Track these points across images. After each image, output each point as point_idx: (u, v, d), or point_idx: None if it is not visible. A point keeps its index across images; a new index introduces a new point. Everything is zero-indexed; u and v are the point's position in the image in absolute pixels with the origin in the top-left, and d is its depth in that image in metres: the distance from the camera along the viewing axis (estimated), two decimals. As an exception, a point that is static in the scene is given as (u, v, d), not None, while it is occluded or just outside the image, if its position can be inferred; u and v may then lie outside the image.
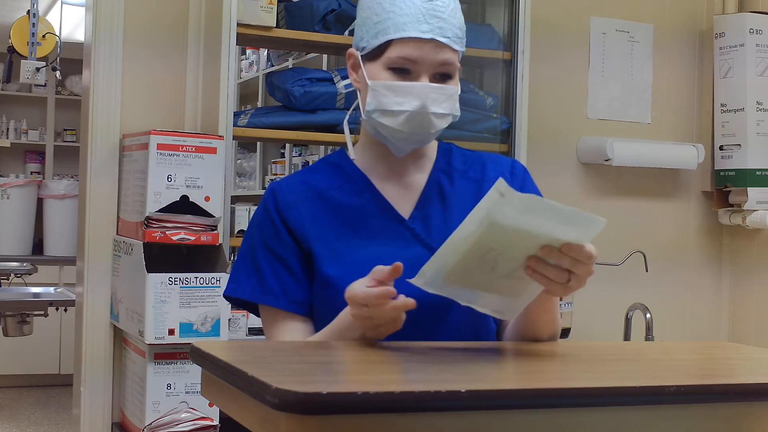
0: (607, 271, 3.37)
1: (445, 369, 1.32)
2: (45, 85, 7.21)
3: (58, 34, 5.66)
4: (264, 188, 6.01)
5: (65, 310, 5.05)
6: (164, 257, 2.79)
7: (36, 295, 4.69)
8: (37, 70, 5.20)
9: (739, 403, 1.26)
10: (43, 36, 5.36)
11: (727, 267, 3.87)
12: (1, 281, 5.33)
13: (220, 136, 2.83)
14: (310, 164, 2.50)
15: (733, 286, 3.86)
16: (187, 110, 3.12)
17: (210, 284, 2.73)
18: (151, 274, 2.68)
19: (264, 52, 5.86)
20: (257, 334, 2.87)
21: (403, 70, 1.60)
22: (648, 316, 3.27)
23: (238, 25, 2.90)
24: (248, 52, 6.12)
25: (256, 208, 1.72)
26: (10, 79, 6.24)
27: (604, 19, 3.68)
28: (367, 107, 1.62)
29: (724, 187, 3.70)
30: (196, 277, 2.72)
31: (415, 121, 1.60)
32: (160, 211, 2.73)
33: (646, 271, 3.37)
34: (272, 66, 5.71)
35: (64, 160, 8.53)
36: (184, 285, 2.71)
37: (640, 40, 3.73)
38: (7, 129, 8.57)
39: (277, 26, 3.02)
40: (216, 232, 2.78)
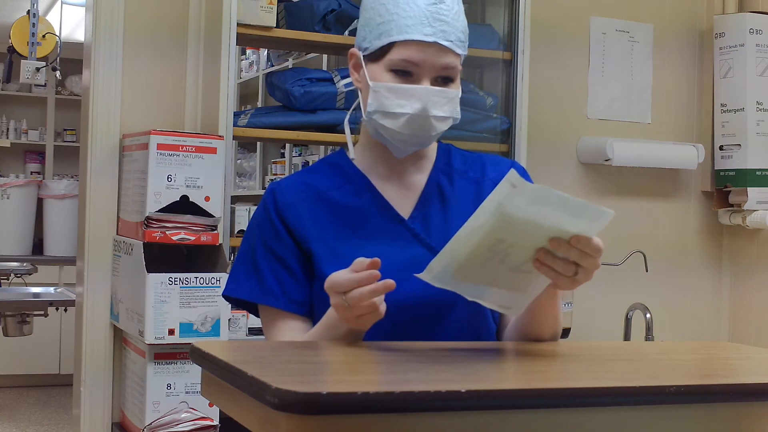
0: (607, 271, 3.35)
1: (445, 369, 1.32)
2: (45, 85, 7.21)
3: (58, 34, 5.66)
4: (264, 188, 6.01)
5: (65, 310, 5.05)
6: (164, 257, 2.79)
7: (36, 295, 4.69)
8: (37, 70, 5.20)
9: (739, 403, 1.26)
10: (43, 36, 5.37)
11: (727, 267, 3.87)
12: (1, 281, 5.33)
13: (220, 136, 2.83)
14: (310, 164, 2.50)
15: (733, 286, 3.86)
16: (187, 110, 3.12)
17: (210, 284, 2.73)
18: (151, 274, 2.68)
19: (264, 52, 5.86)
20: (257, 334, 2.87)
21: (405, 73, 1.60)
22: (648, 316, 3.27)
23: (238, 25, 2.89)
24: (248, 52, 6.12)
25: (256, 208, 1.72)
26: (10, 79, 6.25)
27: (604, 19, 3.68)
28: (369, 108, 1.62)
29: (724, 187, 3.70)
30: (196, 277, 2.72)
31: (416, 123, 1.60)
32: (160, 211, 2.73)
33: (646, 271, 3.37)
34: (272, 66, 5.71)
35: (64, 160, 8.53)
36: (184, 285, 2.71)
37: (640, 40, 3.73)
38: (7, 129, 8.57)
39: (277, 26, 3.02)
40: (216, 232, 2.78)
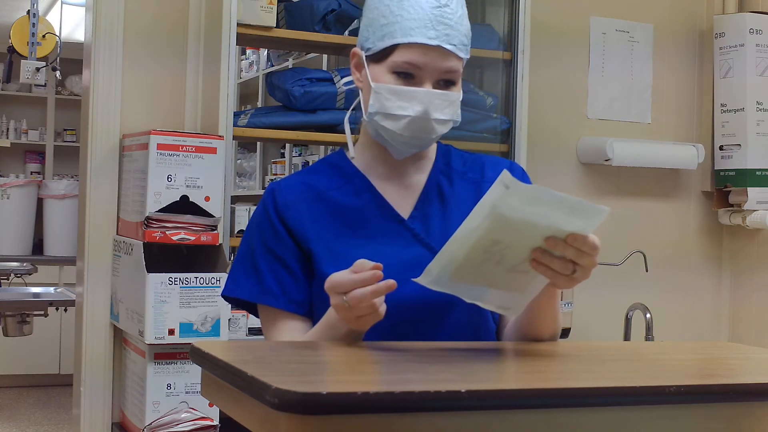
0: (607, 271, 3.37)
1: (445, 369, 1.32)
2: (45, 85, 7.21)
3: (58, 34, 5.66)
4: (264, 188, 6.01)
5: (65, 310, 5.05)
6: (164, 257, 2.79)
7: (36, 295, 4.69)
8: (37, 70, 5.20)
9: (739, 403, 1.26)
10: (43, 36, 5.37)
11: (727, 267, 3.87)
12: (1, 281, 5.33)
13: (220, 136, 2.83)
14: (310, 164, 2.50)
15: (733, 287, 3.86)
16: (187, 110, 3.12)
17: (210, 284, 2.73)
18: (151, 274, 2.68)
19: (264, 52, 5.86)
20: (257, 334, 2.87)
21: (408, 75, 1.60)
22: (648, 316, 3.27)
23: (238, 25, 2.89)
24: (248, 52, 6.12)
25: (256, 208, 1.72)
26: (10, 79, 6.25)
27: (604, 19, 3.68)
28: (370, 109, 1.62)
29: (724, 187, 3.70)
30: (196, 277, 2.72)
31: (417, 126, 1.60)
32: (160, 211, 2.73)
33: (646, 271, 3.37)
34: (272, 66, 5.71)
35: (64, 160, 8.53)
36: (184, 285, 2.71)
37: (640, 40, 3.73)
38: (7, 129, 8.57)
39: (277, 26, 3.02)
40: (216, 232, 2.78)
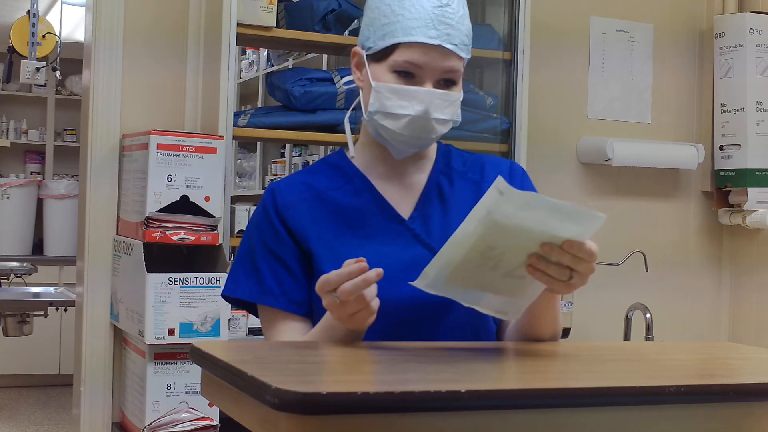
0: (607, 271, 3.37)
1: (445, 369, 1.32)
2: (45, 85, 7.21)
3: (58, 34, 5.66)
4: (264, 188, 6.01)
5: (65, 310, 5.05)
6: (164, 257, 2.79)
7: (36, 295, 4.69)
8: (37, 70, 5.20)
9: (739, 403, 1.26)
10: (43, 36, 5.37)
11: (727, 267, 3.87)
12: (1, 281, 5.33)
13: (220, 136, 2.83)
14: (310, 164, 2.50)
15: (733, 287, 3.86)
16: (187, 110, 3.12)
17: (210, 284, 2.73)
18: (151, 274, 2.68)
19: (264, 52, 5.86)
20: (257, 334, 2.87)
21: (408, 74, 1.60)
22: (648, 316, 3.27)
23: (238, 25, 2.89)
24: (248, 52, 6.12)
25: (255, 208, 1.72)
26: (10, 79, 6.25)
27: (604, 19, 3.68)
28: (370, 108, 1.62)
29: (724, 187, 3.70)
30: (196, 277, 2.72)
31: (417, 125, 1.60)
32: (160, 211, 2.73)
33: (646, 271, 3.37)
34: (272, 66, 5.71)
35: (64, 160, 8.53)
36: (184, 285, 2.71)
37: (640, 40, 3.73)
38: (7, 129, 8.57)
39: (277, 26, 3.02)
40: (216, 232, 2.78)
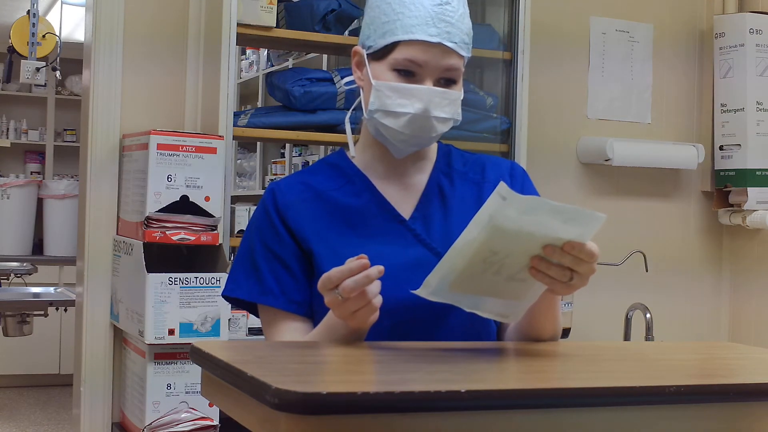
0: (607, 271, 3.37)
1: (445, 369, 1.32)
2: (45, 85, 7.21)
3: (58, 34, 5.66)
4: (264, 188, 6.01)
5: (65, 310, 5.05)
6: (164, 257, 2.79)
7: (36, 295, 4.69)
8: (37, 70, 5.20)
9: (739, 403, 1.26)
10: (43, 36, 5.36)
11: (727, 267, 3.87)
12: (1, 281, 5.33)
13: (220, 136, 2.83)
14: (310, 164, 2.50)
15: (733, 287, 3.86)
16: (187, 110, 3.12)
17: (210, 284, 2.73)
18: (151, 274, 2.68)
19: (264, 52, 5.86)
20: (257, 334, 2.87)
21: (408, 73, 1.60)
22: (648, 316, 3.27)
23: (238, 25, 2.89)
24: (248, 52, 6.12)
25: (256, 208, 1.72)
26: (10, 79, 6.24)
27: (604, 19, 3.68)
28: (370, 107, 1.62)
29: (724, 187, 3.70)
30: (196, 277, 2.72)
31: (417, 123, 1.60)
32: (160, 211, 2.73)
33: (646, 271, 3.37)
34: (272, 66, 5.71)
35: (64, 160, 8.53)
36: (184, 285, 2.71)
37: (640, 40, 3.73)
38: (7, 129, 8.57)
39: (277, 26, 3.02)
40: (216, 232, 2.78)
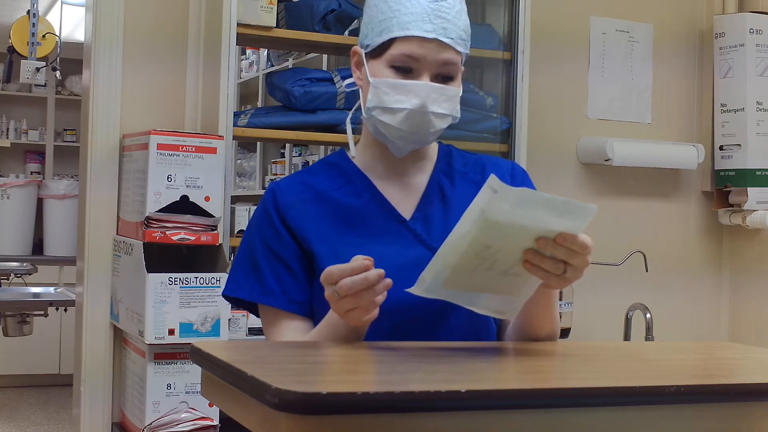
0: (607, 271, 3.37)
1: (445, 369, 1.32)
2: (45, 85, 7.21)
3: (58, 34, 5.66)
4: (264, 188, 6.01)
5: (65, 310, 5.05)
6: (164, 257, 2.79)
7: (36, 295, 4.69)
8: (37, 70, 5.20)
9: (739, 403, 1.26)
10: (43, 36, 5.36)
11: (727, 267, 3.87)
12: (1, 281, 5.33)
13: (220, 136, 2.83)
14: (310, 164, 2.50)
15: (733, 287, 3.86)
16: (187, 110, 3.12)
17: (210, 284, 2.73)
18: (151, 274, 2.68)
19: (264, 52, 5.86)
20: (257, 334, 2.87)
21: (405, 69, 1.60)
22: (648, 316, 3.27)
23: (238, 25, 2.89)
24: (248, 52, 6.12)
25: (256, 207, 1.72)
26: (10, 79, 6.24)
27: (604, 19, 3.68)
28: (368, 104, 1.63)
29: (724, 187, 3.70)
30: (196, 277, 2.72)
31: (414, 120, 1.60)
32: (160, 211, 2.73)
33: (646, 271, 3.37)
34: (272, 66, 5.71)
35: (64, 160, 8.53)
36: (184, 285, 2.71)
37: (640, 40, 3.73)
38: (7, 129, 8.57)
39: (277, 26, 3.02)
40: (216, 232, 2.78)
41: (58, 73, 5.56)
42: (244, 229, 1.73)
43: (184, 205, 2.76)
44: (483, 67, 3.45)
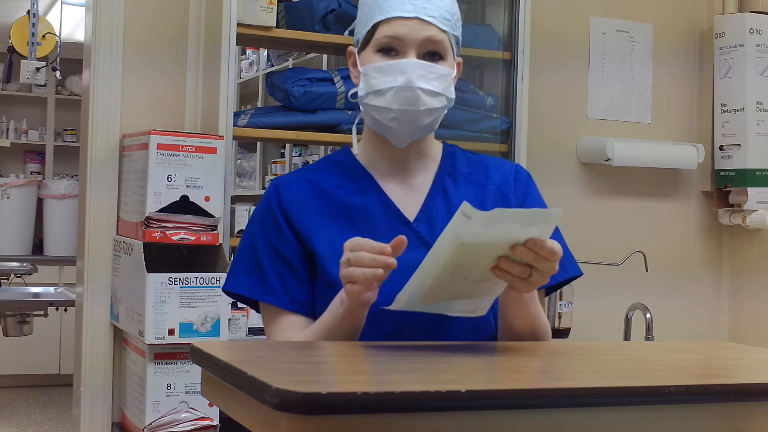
0: (607, 271, 3.37)
1: (445, 369, 1.32)
2: (45, 85, 7.20)
3: (58, 34, 5.66)
4: (264, 188, 6.01)
5: (65, 310, 5.05)
6: (164, 257, 2.79)
7: (36, 295, 4.69)
8: (37, 70, 5.19)
9: (739, 403, 1.26)
10: (43, 36, 5.36)
11: (727, 267, 3.87)
12: (1, 281, 5.33)
13: (220, 136, 2.83)
14: (311, 164, 2.49)
15: (733, 287, 3.86)
16: (187, 110, 3.12)
17: (210, 284, 2.73)
18: (151, 274, 2.68)
19: (264, 52, 5.86)
20: (257, 334, 2.87)
21: (390, 49, 1.63)
22: (648, 316, 3.27)
23: (238, 25, 2.90)
24: (248, 52, 6.12)
25: (259, 202, 1.72)
26: (10, 79, 6.24)
27: (604, 19, 3.68)
28: (360, 93, 1.64)
29: (724, 187, 3.70)
30: (196, 277, 2.72)
31: (402, 97, 1.60)
32: (160, 211, 2.73)
33: (646, 271, 3.37)
34: (272, 66, 5.71)
35: (64, 160, 8.52)
36: (184, 285, 2.71)
37: (640, 40, 3.73)
38: (7, 129, 8.57)
39: (277, 26, 3.02)
40: (216, 232, 2.78)
41: (58, 73, 5.55)
42: (244, 229, 1.73)
43: (184, 205, 2.76)
44: (483, 67, 3.45)
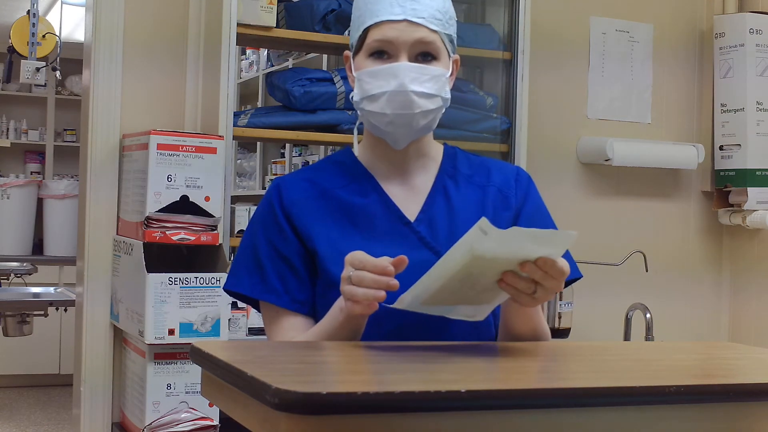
0: (607, 271, 3.37)
1: (445, 369, 1.32)
2: (45, 85, 7.20)
3: (58, 34, 5.66)
4: (264, 188, 6.02)
5: (65, 310, 5.05)
6: (164, 257, 2.79)
7: (36, 295, 4.69)
8: (37, 70, 5.19)
9: (739, 403, 1.26)
10: (43, 36, 5.36)
11: (727, 267, 3.87)
12: (1, 281, 5.33)
13: (220, 136, 2.83)
14: (310, 164, 2.49)
15: (733, 287, 3.86)
16: (187, 110, 3.12)
17: (210, 284, 2.73)
18: (151, 274, 2.68)
19: (264, 52, 5.86)
20: (257, 334, 2.87)
21: (381, 53, 1.62)
22: (648, 316, 3.27)
23: (238, 25, 2.90)
24: (248, 52, 6.12)
25: (260, 201, 1.72)
26: (10, 79, 6.24)
27: (604, 19, 3.68)
28: (355, 98, 1.64)
29: (724, 187, 3.70)
30: (196, 277, 2.72)
31: (396, 101, 1.60)
32: (160, 211, 2.73)
33: (646, 271, 3.37)
34: (272, 66, 5.72)
35: (64, 160, 8.52)
36: (184, 285, 2.71)
37: (640, 40, 3.73)
38: (7, 129, 8.57)
39: (277, 26, 3.02)
40: (216, 232, 2.78)
41: (58, 73, 5.56)
42: (244, 229, 1.73)
43: (184, 205, 2.76)
44: (483, 67, 3.45)
